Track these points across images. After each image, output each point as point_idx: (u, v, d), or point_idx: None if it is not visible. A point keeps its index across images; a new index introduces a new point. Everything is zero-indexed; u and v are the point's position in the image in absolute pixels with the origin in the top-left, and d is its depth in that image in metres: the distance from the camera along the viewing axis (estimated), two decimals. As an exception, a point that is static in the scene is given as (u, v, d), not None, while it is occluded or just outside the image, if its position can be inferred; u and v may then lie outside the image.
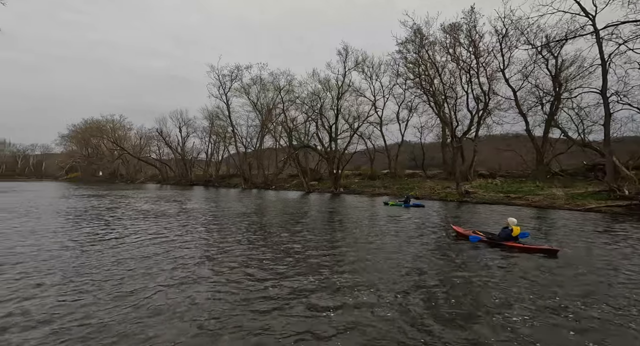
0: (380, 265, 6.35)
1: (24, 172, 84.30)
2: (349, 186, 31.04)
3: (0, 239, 8.33)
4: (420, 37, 24.62)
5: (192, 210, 15.91)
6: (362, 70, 31.70)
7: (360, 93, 32.65)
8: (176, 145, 55.52)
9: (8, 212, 14.09)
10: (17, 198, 21.73)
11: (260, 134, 41.26)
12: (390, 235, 9.55)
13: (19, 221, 11.41)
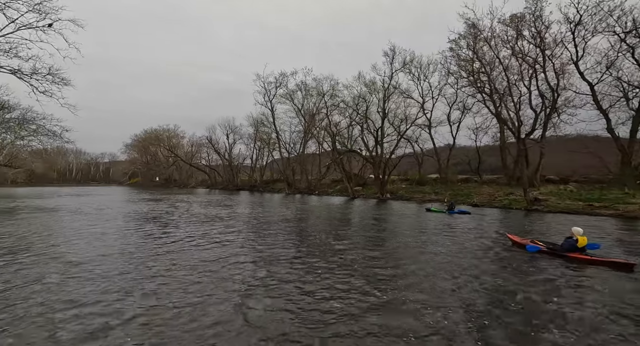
0: (434, 278, 5.88)
1: (95, 177, 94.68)
2: (396, 192, 29.63)
3: (82, 242, 8.80)
4: (476, 31, 22.83)
5: (240, 214, 16.17)
6: (410, 70, 30.37)
7: (408, 95, 31.25)
8: (224, 152, 58.27)
9: (84, 214, 15.37)
10: (92, 201, 23.96)
11: (303, 139, 41.55)
12: (441, 244, 9.00)
13: (93, 223, 12.27)
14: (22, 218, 13.30)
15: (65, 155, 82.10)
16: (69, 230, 10.52)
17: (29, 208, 17.68)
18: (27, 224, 11.73)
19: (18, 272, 5.89)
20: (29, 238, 9.16)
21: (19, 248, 7.79)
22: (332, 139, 33.58)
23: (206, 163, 66.04)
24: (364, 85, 31.48)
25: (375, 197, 29.59)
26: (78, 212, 15.93)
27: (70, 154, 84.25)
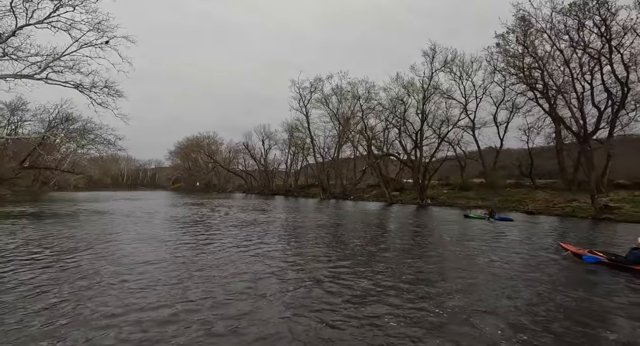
0: (486, 291, 5.52)
1: (143, 182, 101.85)
2: (437, 197, 28.12)
3: (136, 246, 9.10)
4: (526, 24, 21.05)
5: (277, 220, 16.16)
6: (451, 70, 28.85)
7: (449, 96, 29.67)
8: (259, 157, 59.80)
9: (136, 217, 16.20)
10: (142, 206, 25.44)
11: (337, 144, 41.23)
12: (489, 254, 8.43)
13: (144, 226, 12.81)
14: (82, 221, 14.31)
15: (118, 162, 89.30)
16: (124, 234, 11.00)
17: (88, 211, 19.11)
18: (86, 227, 12.52)
19: (75, 273, 6.08)
20: (87, 240, 9.67)
21: (78, 250, 8.19)
22: (368, 143, 32.86)
23: (243, 169, 68.20)
24: (402, 86, 30.47)
25: (415, 202, 28.30)
26: (130, 216, 16.86)
27: (122, 161, 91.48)
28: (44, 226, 12.45)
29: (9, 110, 30.91)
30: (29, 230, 11.43)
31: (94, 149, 33.11)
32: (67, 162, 45.51)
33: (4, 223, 12.90)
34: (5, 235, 10.30)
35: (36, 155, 30.35)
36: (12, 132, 30.00)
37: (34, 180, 42.40)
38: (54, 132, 28.55)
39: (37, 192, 40.77)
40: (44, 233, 10.81)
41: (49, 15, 15.12)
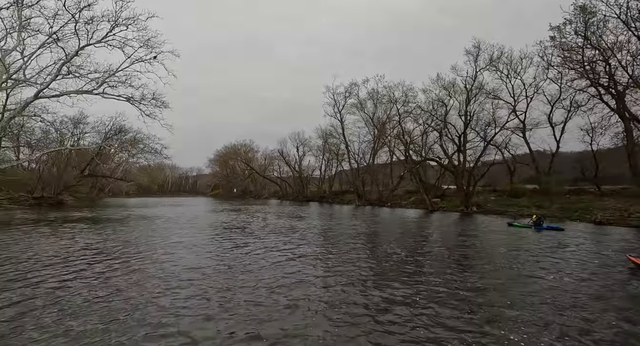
0: (546, 310, 4.97)
1: (185, 189, 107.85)
2: (484, 204, 26.09)
3: (180, 252, 9.21)
4: (588, 15, 19.00)
5: (313, 227, 15.90)
6: (496, 68, 26.90)
7: (495, 96, 27.64)
8: (294, 164, 60.46)
9: (180, 223, 16.78)
10: (184, 211, 26.60)
11: (373, 149, 40.34)
12: (544, 267, 7.62)
13: (187, 232, 13.12)
14: (133, 226, 15.11)
15: (164, 170, 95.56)
16: (170, 239, 11.30)
17: (137, 217, 20.26)
18: (136, 232, 13.11)
19: (127, 280, 6.12)
20: (138, 245, 10.00)
21: (129, 255, 8.42)
22: (406, 147, 31.63)
23: (278, 175, 69.41)
24: (442, 87, 28.98)
25: (458, 210, 26.51)
26: (175, 221, 17.56)
27: (167, 169, 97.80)
28: (99, 231, 13.23)
29: (73, 123, 34.27)
30: (86, 234, 12.17)
31: (143, 158, 35.61)
32: (120, 170, 49.48)
33: (66, 228, 13.93)
34: (67, 239, 11.02)
35: (94, 164, 33.19)
36: (75, 144, 33.11)
37: (92, 187, 46.45)
38: (109, 143, 31.05)
39: (94, 198, 44.56)
40: (99, 238, 11.42)
41: (106, 35, 16.46)
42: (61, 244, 9.96)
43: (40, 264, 7.37)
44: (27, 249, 9.09)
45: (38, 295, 5.28)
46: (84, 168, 35.01)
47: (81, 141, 34.97)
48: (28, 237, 11.30)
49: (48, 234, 11.92)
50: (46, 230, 12.92)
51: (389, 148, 35.96)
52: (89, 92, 17.36)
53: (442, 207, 28.89)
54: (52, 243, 10.15)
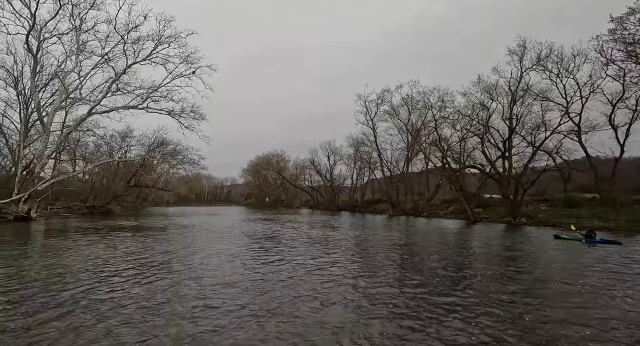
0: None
1: (220, 198, 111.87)
2: (535, 215, 23.79)
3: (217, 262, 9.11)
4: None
5: (345, 237, 15.36)
6: (545, 67, 24.78)
7: (544, 97, 25.37)
8: (325, 173, 60.34)
9: (217, 232, 17.02)
10: (220, 221, 27.22)
11: (407, 157, 39.00)
12: (608, 289, 6.74)
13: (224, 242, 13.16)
14: (172, 235, 15.56)
15: (200, 180, 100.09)
16: (206, 249, 11.34)
17: (176, 225, 20.97)
18: (175, 241, 13.41)
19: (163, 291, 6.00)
20: (176, 255, 10.09)
21: (168, 265, 8.44)
22: (443, 155, 30.07)
23: (309, 184, 69.61)
24: (483, 90, 27.21)
25: (504, 221, 24.42)
26: (210, 230, 17.88)
27: (203, 179, 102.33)
28: (141, 239, 13.67)
29: (121, 137, 36.95)
30: (128, 242, 12.61)
31: (182, 169, 37.34)
32: (162, 180, 52.41)
33: (110, 236, 14.61)
34: (110, 247, 11.45)
35: (139, 175, 35.38)
36: (122, 156, 35.60)
37: (137, 197, 49.52)
38: (151, 155, 32.98)
39: (139, 207, 47.37)
40: (140, 246, 11.73)
41: (150, 53, 17.55)
42: (104, 252, 10.28)
43: (80, 271, 7.55)
44: (73, 256, 9.48)
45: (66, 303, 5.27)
46: (130, 179, 37.41)
47: (128, 154, 37.57)
48: (77, 244, 11.89)
49: (94, 242, 12.50)
50: (94, 238, 13.60)
51: (424, 156, 34.50)
52: (135, 107, 18.49)
53: (485, 217, 26.84)
54: (96, 251, 10.53)
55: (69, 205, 27.42)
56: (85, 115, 17.99)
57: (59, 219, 22.19)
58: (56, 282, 6.68)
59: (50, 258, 9.29)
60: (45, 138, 18.26)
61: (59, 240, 13.00)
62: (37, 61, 16.84)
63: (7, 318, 4.64)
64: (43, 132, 18.18)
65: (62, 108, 19.26)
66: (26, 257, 9.53)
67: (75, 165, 35.31)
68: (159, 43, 17.17)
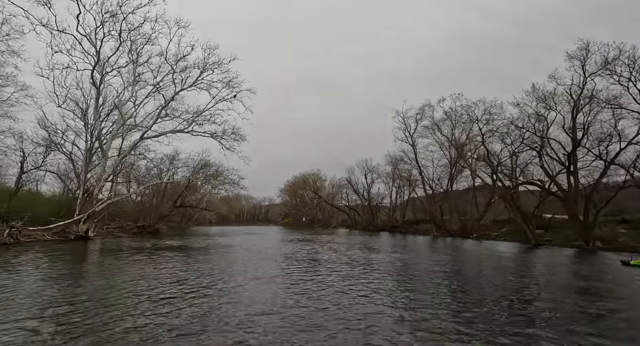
0: None
1: (258, 217, 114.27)
2: (613, 239, 20.46)
3: (258, 286, 8.65)
4: None
5: (388, 259, 14.38)
6: (612, 72, 21.93)
7: (615, 105, 22.28)
8: (362, 192, 58.98)
9: (256, 252, 16.76)
10: (259, 241, 27.21)
11: (450, 174, 36.69)
12: None
13: (263, 263, 12.76)
14: (213, 255, 15.58)
15: (240, 200, 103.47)
16: (246, 271, 11.03)
17: (217, 245, 21.21)
18: (215, 262, 13.32)
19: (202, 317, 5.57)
20: (216, 276, 9.84)
21: (207, 288, 8.13)
22: (493, 170, 27.67)
23: (346, 204, 68.42)
24: (538, 100, 24.63)
25: (574, 245, 21.30)
26: (250, 251, 17.75)
27: (243, 199, 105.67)
28: (184, 259, 13.78)
29: (169, 160, 39.50)
30: (172, 263, 12.70)
31: (223, 189, 38.62)
32: (205, 201, 54.79)
33: (156, 255, 14.96)
34: (154, 267, 11.56)
35: (184, 196, 37.18)
36: (170, 178, 37.86)
37: (182, 217, 52.06)
38: (195, 176, 34.60)
39: (184, 226, 49.62)
40: (183, 267, 11.72)
41: (196, 80, 18.65)
42: (149, 273, 10.36)
43: (123, 293, 7.47)
44: (120, 276, 9.61)
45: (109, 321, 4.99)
46: (176, 199, 39.46)
47: (175, 175, 39.93)
48: (125, 264, 12.24)
49: (141, 262, 12.78)
50: (141, 258, 13.96)
51: (470, 172, 32.07)
52: (181, 131, 19.55)
53: (549, 240, 23.71)
54: (142, 271, 10.65)
55: (122, 225, 29.28)
56: (138, 140, 19.46)
57: (112, 238, 23.60)
58: (97, 305, 6.59)
59: (100, 278, 9.51)
60: (104, 163, 19.88)
61: (109, 259, 13.53)
62: (100, 93, 18.77)
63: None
64: (102, 157, 19.83)
65: (119, 135, 20.97)
66: (80, 276, 9.87)
67: (129, 187, 38.18)
68: (203, 70, 18.35)
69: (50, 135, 23.88)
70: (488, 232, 31.51)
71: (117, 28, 16.74)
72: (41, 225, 19.40)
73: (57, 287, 8.03)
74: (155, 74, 18.96)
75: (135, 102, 20.63)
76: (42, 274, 9.63)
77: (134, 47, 18.32)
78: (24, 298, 6.89)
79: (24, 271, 9.98)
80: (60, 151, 24.38)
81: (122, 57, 18.48)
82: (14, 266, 10.67)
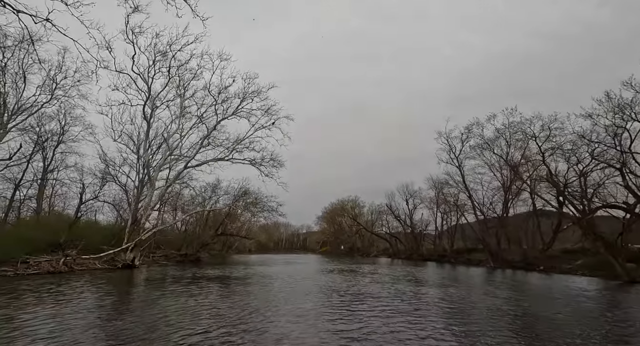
0: None
1: (296, 246, 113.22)
2: None
3: (296, 324, 7.60)
4: None
5: (442, 295, 12.71)
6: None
7: None
8: (404, 218, 55.92)
9: (295, 283, 15.68)
10: (298, 270, 26.06)
11: (505, 197, 33.20)
12: None
13: (303, 296, 11.70)
14: (252, 285, 14.93)
15: (279, 228, 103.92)
16: (285, 305, 10.25)
17: (257, 275, 20.59)
18: (252, 294, 12.56)
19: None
20: (255, 311, 9.04)
21: (245, 323, 7.27)
22: (559, 192, 24.30)
23: (386, 231, 65.15)
24: (614, 110, 21.21)
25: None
26: (288, 281, 16.87)
27: (281, 227, 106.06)
28: (223, 290, 13.25)
29: (211, 188, 40.88)
30: (212, 296, 12.18)
31: (262, 217, 38.67)
32: (244, 229, 55.49)
33: (194, 285, 14.56)
34: (195, 298, 11.12)
35: (225, 224, 37.77)
36: (212, 206, 38.91)
37: (223, 245, 52.86)
38: (236, 204, 35.14)
39: (225, 255, 50.12)
40: (222, 299, 11.17)
41: (237, 108, 19.23)
42: (190, 304, 10.06)
43: (158, 327, 6.92)
44: (160, 308, 9.17)
45: None
46: (218, 227, 40.19)
47: (216, 204, 41.04)
48: (166, 294, 11.98)
49: (182, 293, 12.42)
50: (182, 289, 13.63)
51: (530, 195, 28.65)
52: (222, 159, 19.97)
53: (644, 275, 19.46)
54: (182, 303, 10.30)
55: (167, 253, 30.04)
56: (182, 170, 20.19)
57: (157, 267, 24.04)
58: (136, 340, 6.07)
59: (139, 308, 9.29)
60: (151, 192, 20.76)
61: (151, 289, 13.41)
62: (150, 126, 20.14)
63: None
64: (150, 187, 20.78)
65: (166, 165, 21.99)
66: (122, 308, 9.68)
67: (175, 216, 39.81)
68: (243, 99, 18.98)
69: (108, 168, 25.99)
70: (558, 264, 27.21)
71: (166, 65, 18.35)
72: (94, 253, 20.30)
73: (99, 320, 7.84)
74: (199, 105, 20.05)
75: (181, 134, 21.77)
76: (86, 304, 9.67)
77: (181, 82, 19.70)
78: (62, 331, 6.63)
79: (71, 300, 10.04)
80: (116, 182, 26.26)
81: (170, 91, 19.99)
82: (64, 296, 10.83)
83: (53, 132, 25.31)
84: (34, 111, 22.38)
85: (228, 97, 19.36)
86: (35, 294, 10.79)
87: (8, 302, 9.33)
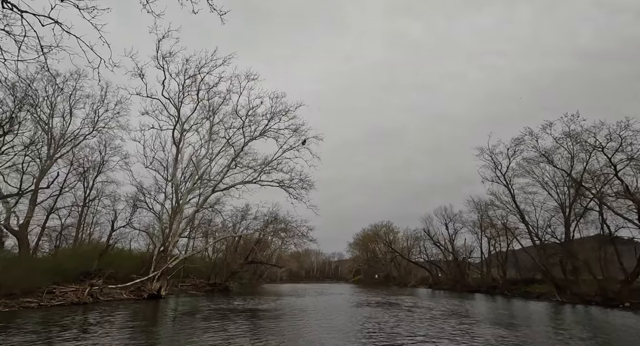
0: None
1: (328, 274, 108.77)
2: None
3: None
4: None
5: (501, 339, 10.23)
6: None
7: None
8: (444, 244, 51.38)
9: (327, 319, 13.69)
10: (331, 303, 23.69)
11: (566, 219, 28.92)
12: None
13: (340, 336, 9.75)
14: (282, 320, 13.57)
15: (310, 256, 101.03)
16: None
17: (287, 308, 18.88)
18: (286, 335, 10.90)
19: None
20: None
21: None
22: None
23: (425, 259, 60.17)
24: None
25: None
26: (323, 318, 14.98)
27: (312, 255, 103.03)
28: (251, 327, 11.94)
29: (241, 214, 40.19)
30: (239, 331, 10.80)
31: (292, 243, 37.01)
32: (275, 256, 53.86)
33: (222, 320, 13.13)
34: (219, 334, 9.60)
35: (254, 252, 36.47)
36: (242, 232, 38.02)
37: (253, 273, 51.27)
38: (265, 231, 33.93)
39: (255, 284, 48.39)
40: (250, 336, 9.99)
41: (264, 129, 18.58)
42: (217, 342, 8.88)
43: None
44: None
45: None
46: (247, 255, 38.97)
47: (246, 230, 40.14)
48: (190, 332, 10.72)
49: (208, 329, 11.22)
50: (208, 325, 12.28)
51: (600, 215, 24.49)
52: (250, 182, 19.15)
53: None
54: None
55: (196, 283, 29.03)
56: (209, 194, 19.58)
57: (184, 297, 22.92)
58: None
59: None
60: (180, 218, 20.22)
61: (176, 326, 12.22)
62: (179, 150, 20.07)
63: None
64: (178, 212, 20.27)
65: (195, 190, 21.57)
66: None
67: (206, 242, 39.32)
68: (271, 118, 18.39)
69: (142, 194, 26.21)
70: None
71: (195, 88, 18.53)
72: (123, 281, 19.68)
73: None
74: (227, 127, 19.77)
75: (210, 158, 21.49)
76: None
77: (210, 107, 19.71)
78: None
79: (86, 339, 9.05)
80: (147, 209, 26.29)
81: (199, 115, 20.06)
82: (74, 334, 9.72)
83: (94, 162, 26.36)
84: (77, 142, 23.48)
85: (256, 118, 18.97)
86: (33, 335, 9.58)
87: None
